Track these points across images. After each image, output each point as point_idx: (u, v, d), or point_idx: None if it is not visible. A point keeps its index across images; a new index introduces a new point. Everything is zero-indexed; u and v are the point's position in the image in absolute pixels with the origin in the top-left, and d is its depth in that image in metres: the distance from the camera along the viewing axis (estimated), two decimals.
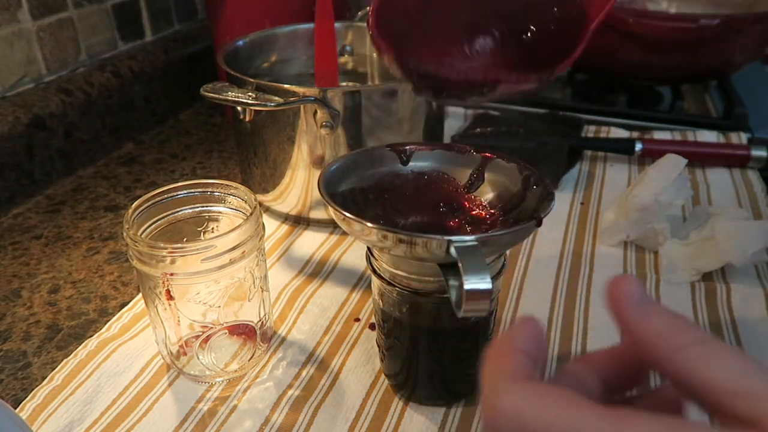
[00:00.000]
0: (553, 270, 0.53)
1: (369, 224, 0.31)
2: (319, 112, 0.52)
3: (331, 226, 0.59)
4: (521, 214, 0.36)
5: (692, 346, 0.18)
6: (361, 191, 0.39)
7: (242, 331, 0.43)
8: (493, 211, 0.39)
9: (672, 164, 0.53)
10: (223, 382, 0.42)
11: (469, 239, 0.30)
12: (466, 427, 0.38)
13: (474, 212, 0.39)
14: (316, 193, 0.57)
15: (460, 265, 0.29)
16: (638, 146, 0.68)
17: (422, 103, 0.56)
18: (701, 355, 0.18)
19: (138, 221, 0.40)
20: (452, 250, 0.29)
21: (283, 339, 0.46)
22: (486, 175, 0.40)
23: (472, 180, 0.40)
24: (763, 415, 0.17)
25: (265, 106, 0.50)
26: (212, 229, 0.43)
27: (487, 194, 0.40)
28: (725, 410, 0.18)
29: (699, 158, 0.68)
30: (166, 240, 0.41)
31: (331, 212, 0.34)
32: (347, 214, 0.32)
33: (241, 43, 0.63)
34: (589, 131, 0.77)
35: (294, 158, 0.55)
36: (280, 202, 0.59)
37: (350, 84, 0.68)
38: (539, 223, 0.33)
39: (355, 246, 0.56)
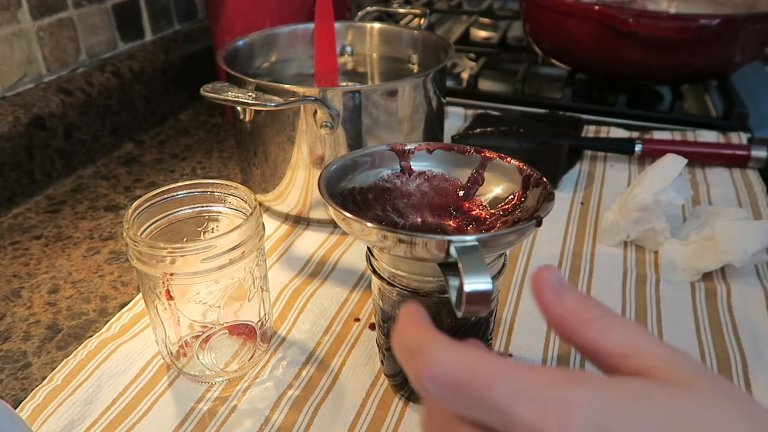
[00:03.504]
0: None
1: (369, 224, 0.31)
2: (319, 112, 0.52)
3: (331, 226, 0.59)
4: (521, 214, 0.36)
5: (595, 320, 0.22)
6: (360, 191, 0.39)
7: (242, 331, 0.43)
8: (493, 211, 0.39)
9: (672, 164, 0.53)
10: (223, 382, 0.42)
11: (469, 239, 0.30)
12: None
13: (474, 212, 0.39)
14: (316, 193, 0.57)
15: (460, 265, 0.29)
16: (638, 146, 0.68)
17: (422, 102, 0.56)
18: (602, 326, 0.21)
19: (138, 221, 0.40)
20: (452, 251, 0.29)
21: (283, 339, 0.46)
22: (486, 175, 0.40)
23: (472, 180, 0.40)
24: (649, 367, 0.20)
25: (265, 106, 0.50)
26: (212, 229, 0.43)
27: (487, 194, 0.40)
28: (621, 369, 0.21)
29: (699, 158, 0.68)
30: (166, 240, 0.41)
31: (331, 212, 0.34)
32: (347, 215, 0.32)
33: (241, 43, 0.63)
34: (589, 131, 0.77)
35: (294, 158, 0.55)
36: (280, 202, 0.59)
37: (350, 84, 0.68)
38: (539, 223, 0.33)
39: (355, 246, 0.56)
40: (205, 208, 0.43)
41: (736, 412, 0.19)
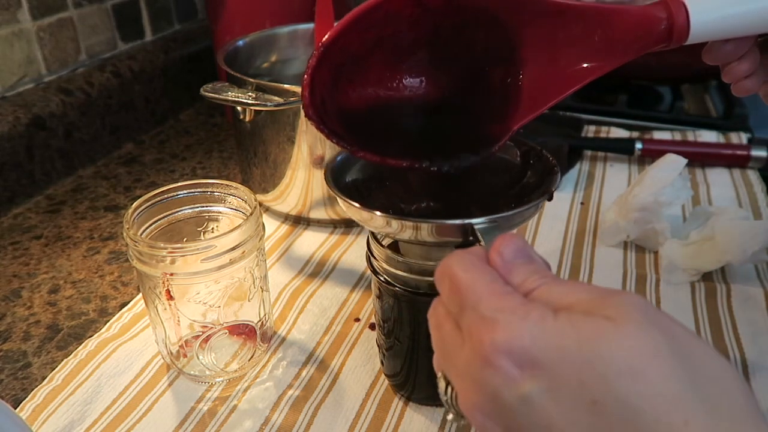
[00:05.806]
0: (553, 270, 0.53)
1: (380, 214, 0.31)
2: None
3: (331, 225, 0.59)
4: (524, 188, 0.36)
5: (539, 287, 0.24)
6: (363, 182, 0.38)
7: (242, 331, 0.43)
8: (493, 185, 0.38)
9: (672, 164, 0.53)
10: (223, 382, 0.42)
11: (489, 219, 0.30)
12: (466, 427, 0.38)
13: (476, 189, 0.39)
14: (316, 193, 0.57)
15: (483, 244, 0.29)
16: (638, 146, 0.68)
17: None
18: (545, 290, 0.24)
19: (138, 221, 0.40)
20: (475, 232, 0.30)
21: (283, 339, 0.46)
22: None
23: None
24: (583, 308, 0.22)
25: (265, 106, 0.50)
26: (212, 229, 0.43)
27: (485, 169, 0.39)
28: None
29: (699, 158, 0.68)
30: (166, 240, 0.41)
31: (342, 204, 0.34)
32: (373, 211, 0.32)
33: (241, 43, 0.63)
34: (589, 131, 0.77)
35: (294, 158, 0.55)
36: (280, 202, 0.59)
37: None
38: (551, 198, 0.33)
39: (355, 246, 0.56)
40: (205, 208, 0.43)
41: (657, 343, 0.20)
